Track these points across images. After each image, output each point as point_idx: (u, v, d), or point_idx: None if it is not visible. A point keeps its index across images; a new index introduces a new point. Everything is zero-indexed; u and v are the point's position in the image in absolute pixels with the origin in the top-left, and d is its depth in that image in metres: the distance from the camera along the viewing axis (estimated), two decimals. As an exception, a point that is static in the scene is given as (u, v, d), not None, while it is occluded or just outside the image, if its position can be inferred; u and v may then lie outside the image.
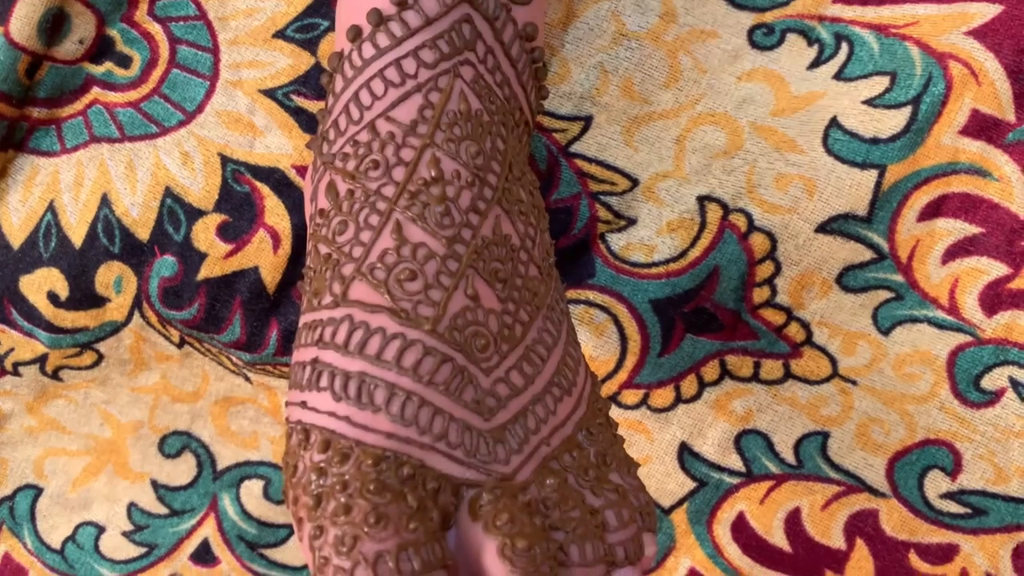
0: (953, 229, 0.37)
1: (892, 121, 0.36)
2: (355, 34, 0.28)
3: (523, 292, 0.28)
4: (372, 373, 0.25)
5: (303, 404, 0.26)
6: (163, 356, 0.42)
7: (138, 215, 0.38)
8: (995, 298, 0.37)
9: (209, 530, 0.44)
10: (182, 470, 0.44)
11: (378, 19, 0.28)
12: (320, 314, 0.27)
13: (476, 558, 0.25)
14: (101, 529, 0.44)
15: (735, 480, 0.41)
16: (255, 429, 0.44)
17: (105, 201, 0.38)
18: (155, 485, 0.44)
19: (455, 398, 0.26)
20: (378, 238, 0.27)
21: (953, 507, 0.39)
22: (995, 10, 0.35)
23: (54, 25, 0.37)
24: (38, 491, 0.44)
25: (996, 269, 0.37)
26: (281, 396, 0.43)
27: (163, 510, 0.44)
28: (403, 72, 0.28)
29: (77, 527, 0.44)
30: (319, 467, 0.25)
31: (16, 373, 0.42)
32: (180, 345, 0.42)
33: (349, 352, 0.26)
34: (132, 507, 0.44)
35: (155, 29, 0.38)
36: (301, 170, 0.38)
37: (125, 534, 0.44)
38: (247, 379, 0.43)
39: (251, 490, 0.44)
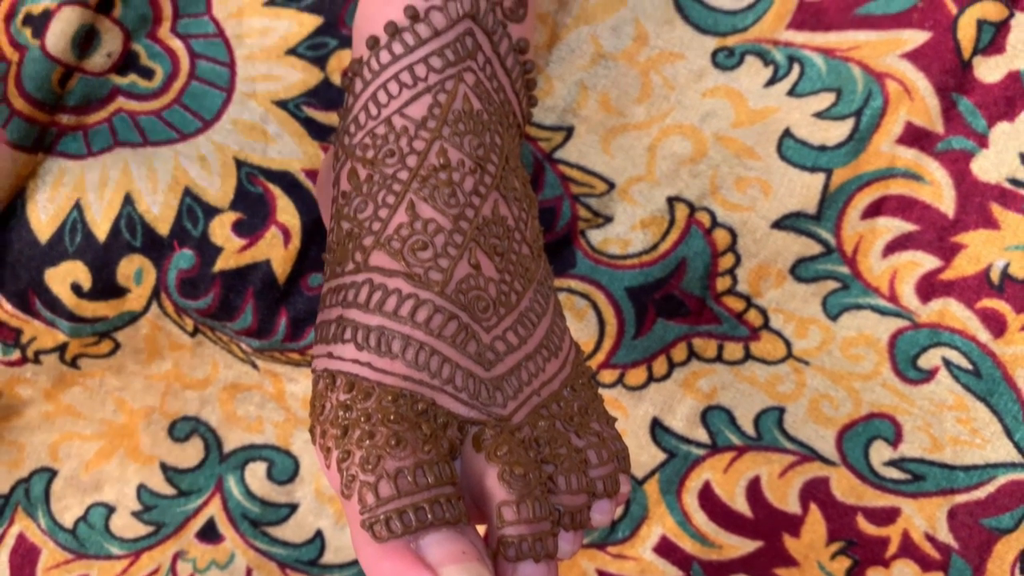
0: (892, 227, 0.41)
1: (837, 131, 0.40)
2: (373, 43, 0.33)
3: (517, 266, 0.32)
4: (390, 327, 0.29)
5: (329, 355, 0.30)
6: (176, 345, 0.45)
7: (159, 212, 0.41)
8: (929, 287, 0.41)
9: (215, 509, 0.47)
10: (190, 453, 0.47)
11: (394, 30, 0.32)
12: (343, 279, 0.31)
13: (479, 482, 0.28)
14: (111, 509, 0.46)
15: (701, 452, 0.44)
16: (260, 414, 0.47)
17: (128, 200, 0.41)
18: (164, 467, 0.46)
19: (460, 350, 0.30)
20: (394, 214, 0.31)
21: (895, 474, 0.43)
22: (925, 36, 0.39)
23: (85, 40, 0.40)
24: (53, 474, 0.46)
25: (929, 262, 0.41)
26: (286, 382, 0.46)
27: (171, 491, 0.46)
28: (415, 76, 0.32)
29: (89, 507, 0.46)
30: (345, 404, 0.29)
31: (37, 361, 0.44)
32: (193, 334, 0.45)
33: (370, 310, 0.30)
34: (142, 488, 0.46)
35: (177, 45, 0.42)
36: (311, 173, 0.42)
37: (134, 514, 0.46)
38: (254, 366, 0.46)
39: (255, 472, 0.47)
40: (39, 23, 0.40)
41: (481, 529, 0.29)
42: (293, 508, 0.47)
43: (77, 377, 0.46)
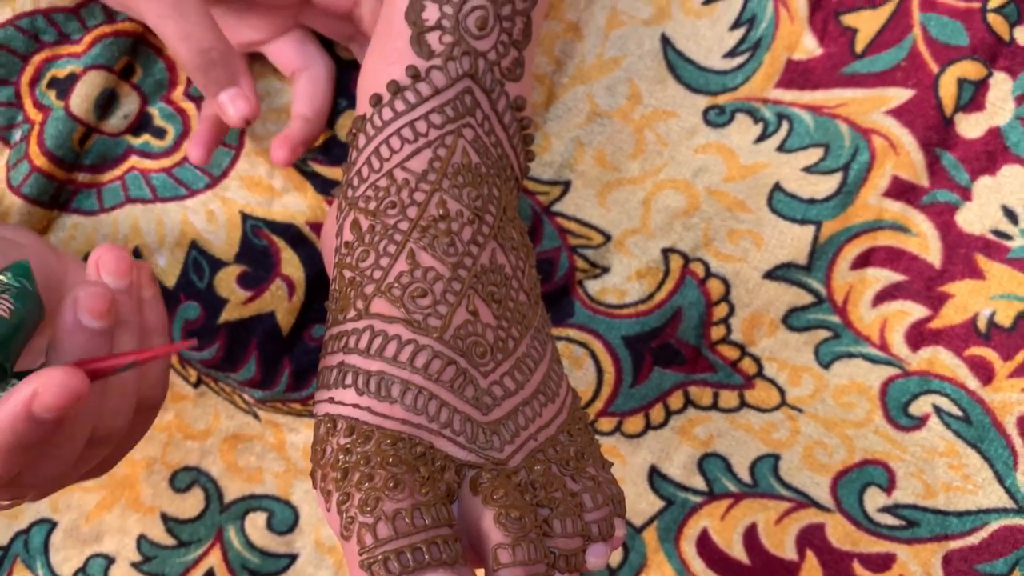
0: (881, 277, 0.42)
1: (826, 185, 0.42)
2: (376, 100, 0.34)
3: (514, 313, 0.33)
4: (389, 372, 0.30)
5: (330, 400, 0.31)
6: (179, 396, 0.46)
7: (165, 266, 0.43)
8: (918, 336, 0.43)
9: (215, 560, 0.47)
10: (191, 503, 0.47)
11: (396, 89, 0.34)
12: (345, 326, 0.32)
13: (476, 525, 0.29)
14: (111, 560, 0.47)
15: (699, 499, 0.45)
16: (261, 465, 0.47)
17: (136, 253, 0.43)
18: (164, 518, 0.47)
19: (458, 394, 0.30)
20: (395, 263, 0.32)
21: (889, 520, 0.43)
22: (909, 94, 0.41)
23: (107, 102, 0.43)
24: (52, 525, 0.47)
25: (918, 311, 0.42)
26: (287, 433, 0.47)
27: (171, 541, 0.47)
28: (416, 131, 0.33)
29: (88, 558, 0.47)
30: (345, 447, 0.29)
31: None
32: (196, 385, 0.46)
33: (370, 355, 0.31)
34: (142, 539, 0.47)
35: (188, 106, 0.44)
36: (315, 226, 0.43)
37: (134, 564, 0.47)
38: (256, 417, 0.47)
39: (255, 522, 0.47)
40: (64, 85, 0.42)
41: (479, 573, 0.30)
42: (293, 558, 0.47)
43: (81, 428, 0.47)
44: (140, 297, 0.33)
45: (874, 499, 0.44)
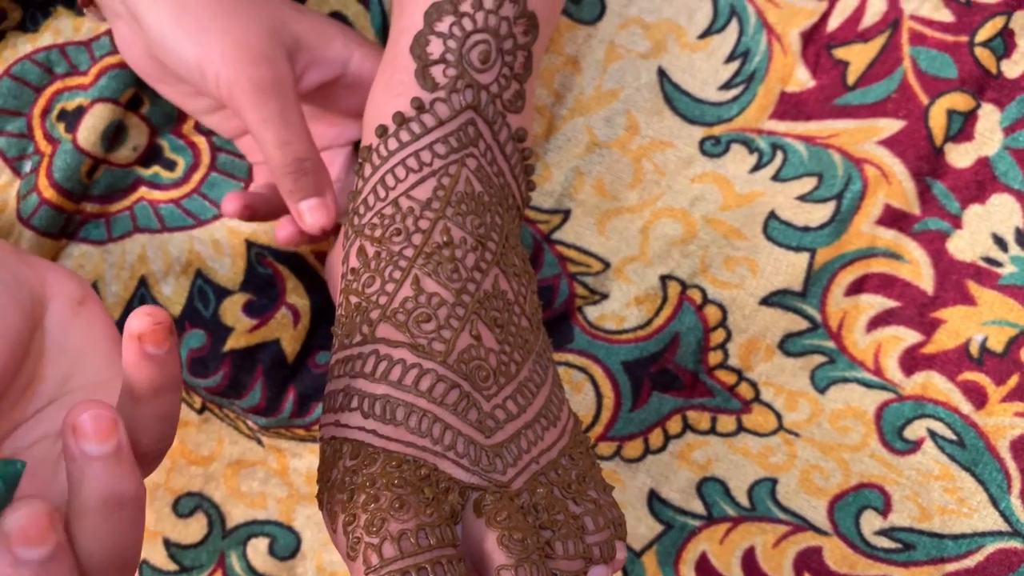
0: (874, 303, 0.43)
1: (820, 213, 0.43)
2: (382, 131, 0.35)
3: (517, 338, 0.33)
4: (394, 395, 0.31)
5: (336, 423, 0.32)
6: (183, 422, 0.46)
7: (171, 293, 0.44)
8: (912, 361, 0.43)
9: None
10: (194, 529, 0.48)
11: (401, 120, 0.35)
12: (351, 351, 0.33)
13: (479, 547, 0.29)
14: None
15: (697, 523, 0.45)
16: (263, 490, 0.48)
17: (143, 282, 0.44)
18: (167, 543, 0.47)
19: (462, 417, 0.31)
20: (400, 289, 0.33)
21: (886, 543, 0.44)
22: (900, 125, 0.42)
23: (114, 134, 0.43)
24: None
25: (911, 336, 0.43)
26: (290, 458, 0.47)
27: (173, 567, 0.47)
28: (421, 161, 0.34)
29: None
30: (351, 469, 0.30)
31: None
32: (200, 411, 0.46)
33: (376, 379, 0.31)
34: (144, 565, 0.47)
35: (199, 139, 0.45)
36: (320, 255, 0.44)
37: None
38: (259, 442, 0.47)
39: (257, 547, 0.47)
40: (72, 118, 0.43)
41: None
42: (295, 585, 0.47)
43: (86, 454, 0.47)
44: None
45: (870, 522, 0.44)
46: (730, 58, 0.43)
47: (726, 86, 0.43)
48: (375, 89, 0.37)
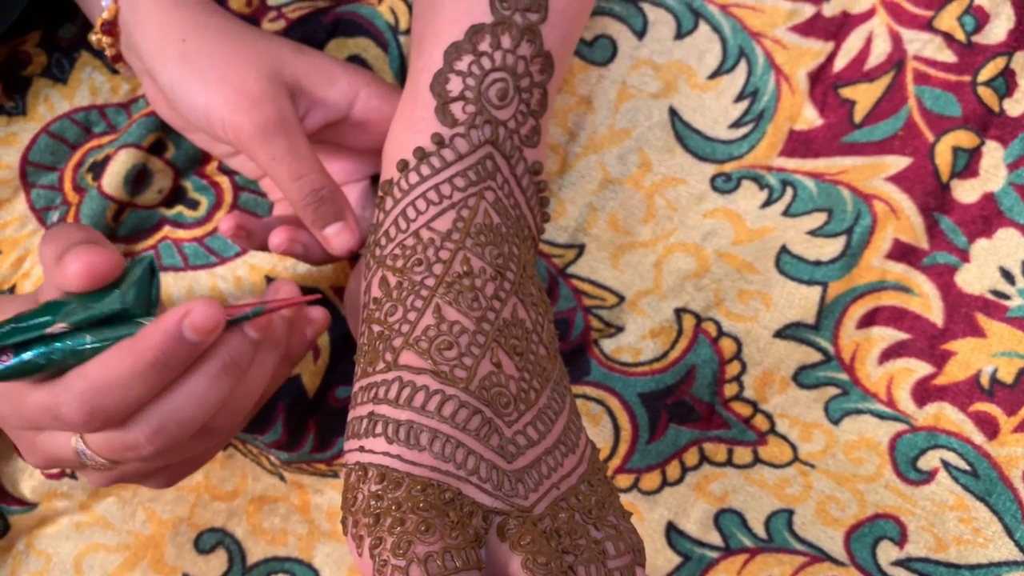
0: (886, 335, 0.44)
1: (831, 248, 0.44)
2: (403, 166, 0.36)
3: (535, 366, 0.34)
4: (418, 421, 0.32)
5: (361, 448, 0.32)
6: None
7: None
8: (923, 392, 0.44)
9: None
10: (214, 565, 0.48)
11: (422, 155, 0.36)
12: (374, 378, 0.33)
13: (503, 570, 0.30)
14: None
15: (715, 554, 0.45)
16: (284, 527, 0.48)
17: None
18: None
19: (484, 442, 0.32)
20: (422, 317, 0.34)
21: (903, 574, 0.44)
22: (907, 161, 0.43)
23: (138, 178, 0.45)
24: None
25: (923, 368, 0.44)
26: (311, 494, 0.48)
27: None
28: (441, 194, 0.36)
29: None
30: (376, 494, 0.30)
31: (73, 476, 0.46)
32: (225, 447, 0.47)
33: (399, 405, 0.32)
34: None
35: (222, 179, 0.46)
36: (338, 290, 0.45)
37: None
38: (282, 478, 0.48)
39: None
40: (99, 168, 0.45)
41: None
42: (314, 621, 0.48)
43: (113, 488, 0.47)
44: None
45: (887, 553, 0.45)
46: (739, 97, 0.44)
47: (736, 124, 0.44)
48: (395, 125, 0.38)
